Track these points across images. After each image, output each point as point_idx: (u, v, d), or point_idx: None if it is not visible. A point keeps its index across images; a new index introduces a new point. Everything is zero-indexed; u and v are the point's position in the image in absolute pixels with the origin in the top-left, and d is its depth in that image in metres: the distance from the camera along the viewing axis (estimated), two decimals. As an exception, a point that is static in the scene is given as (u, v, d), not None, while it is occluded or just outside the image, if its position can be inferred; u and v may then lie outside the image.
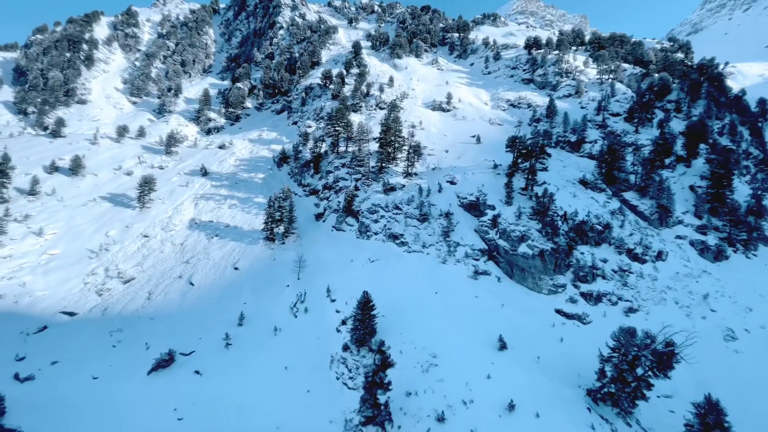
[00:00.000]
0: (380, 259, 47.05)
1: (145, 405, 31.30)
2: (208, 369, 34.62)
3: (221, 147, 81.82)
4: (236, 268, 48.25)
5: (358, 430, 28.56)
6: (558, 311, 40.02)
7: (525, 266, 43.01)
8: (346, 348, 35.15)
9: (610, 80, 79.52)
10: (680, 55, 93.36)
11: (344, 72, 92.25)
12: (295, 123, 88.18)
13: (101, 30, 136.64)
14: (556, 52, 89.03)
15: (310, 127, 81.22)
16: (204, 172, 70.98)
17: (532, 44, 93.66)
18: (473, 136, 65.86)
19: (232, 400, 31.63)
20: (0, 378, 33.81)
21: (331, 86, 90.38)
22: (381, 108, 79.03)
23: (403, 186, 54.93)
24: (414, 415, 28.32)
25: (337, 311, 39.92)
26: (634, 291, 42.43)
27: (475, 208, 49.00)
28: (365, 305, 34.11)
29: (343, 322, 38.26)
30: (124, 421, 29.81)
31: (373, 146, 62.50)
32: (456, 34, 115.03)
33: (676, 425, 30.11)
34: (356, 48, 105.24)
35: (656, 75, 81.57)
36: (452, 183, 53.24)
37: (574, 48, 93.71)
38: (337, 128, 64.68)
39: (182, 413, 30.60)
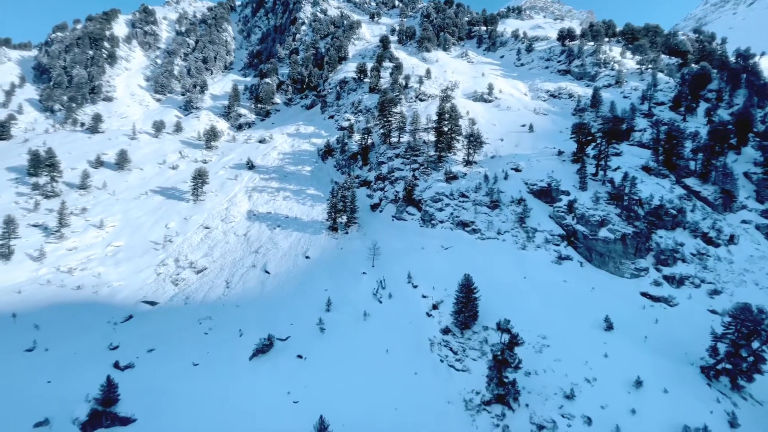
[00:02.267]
0: (453, 246, 47.09)
1: (255, 389, 31.13)
2: (308, 353, 34.50)
3: (261, 141, 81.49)
4: (307, 257, 48.12)
5: (481, 410, 28.58)
6: (644, 294, 40.10)
7: (604, 251, 43.07)
8: (446, 331, 35.13)
9: (650, 70, 79.67)
10: (712, 46, 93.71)
11: (378, 66, 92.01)
12: (331, 117, 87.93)
13: (120, 28, 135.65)
14: (591, 43, 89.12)
15: (348, 120, 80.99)
16: (250, 166, 70.69)
17: (566, 35, 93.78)
18: (523, 125, 65.90)
19: (341, 383, 31.47)
20: (99, 366, 33.56)
21: (366, 80, 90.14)
22: (421, 100, 78.90)
23: (465, 174, 54.87)
24: (540, 394, 28.36)
25: (424, 296, 39.89)
26: (715, 273, 42.58)
27: (546, 194, 49.03)
28: (467, 288, 34.11)
29: (434, 307, 38.26)
30: (240, 405, 29.61)
31: (426, 136, 62.47)
32: (483, 27, 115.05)
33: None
34: (384, 42, 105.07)
35: (694, 65, 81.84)
36: (517, 170, 53.24)
37: (606, 39, 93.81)
38: (389, 119, 64.55)
39: (296, 396, 30.49)
